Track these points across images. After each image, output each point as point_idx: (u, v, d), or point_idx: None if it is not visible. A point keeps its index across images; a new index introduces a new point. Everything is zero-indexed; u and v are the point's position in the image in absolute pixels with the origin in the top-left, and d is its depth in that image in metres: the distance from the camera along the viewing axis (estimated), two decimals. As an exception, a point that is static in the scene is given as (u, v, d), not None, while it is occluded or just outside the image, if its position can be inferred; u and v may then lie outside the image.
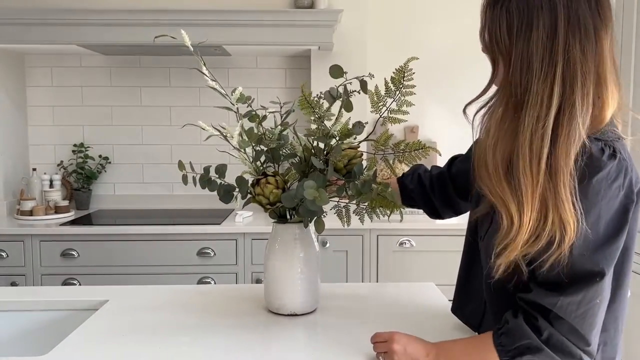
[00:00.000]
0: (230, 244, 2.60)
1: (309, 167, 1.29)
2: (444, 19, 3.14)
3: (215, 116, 2.96)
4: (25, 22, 2.57)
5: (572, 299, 0.91)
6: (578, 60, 0.88)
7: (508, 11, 0.91)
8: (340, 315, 1.37)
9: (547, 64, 0.88)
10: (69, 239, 2.57)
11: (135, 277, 2.57)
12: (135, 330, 1.28)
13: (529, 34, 0.88)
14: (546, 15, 0.88)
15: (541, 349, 0.92)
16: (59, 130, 3.09)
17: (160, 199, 3.12)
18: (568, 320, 0.91)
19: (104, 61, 3.07)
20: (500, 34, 0.92)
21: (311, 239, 1.36)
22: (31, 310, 1.46)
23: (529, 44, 0.88)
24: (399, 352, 1.06)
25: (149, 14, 2.55)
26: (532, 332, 0.93)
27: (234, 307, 1.43)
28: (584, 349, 0.93)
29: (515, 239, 0.90)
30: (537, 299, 0.93)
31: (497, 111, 0.95)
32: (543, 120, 0.88)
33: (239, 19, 2.58)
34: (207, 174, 1.31)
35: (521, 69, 0.89)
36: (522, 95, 0.90)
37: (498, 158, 0.93)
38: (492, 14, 0.94)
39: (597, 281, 0.91)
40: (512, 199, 0.90)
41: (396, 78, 1.31)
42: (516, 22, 0.90)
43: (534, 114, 0.88)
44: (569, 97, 0.88)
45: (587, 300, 0.91)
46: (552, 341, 0.92)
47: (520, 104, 0.90)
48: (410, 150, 1.32)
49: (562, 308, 0.91)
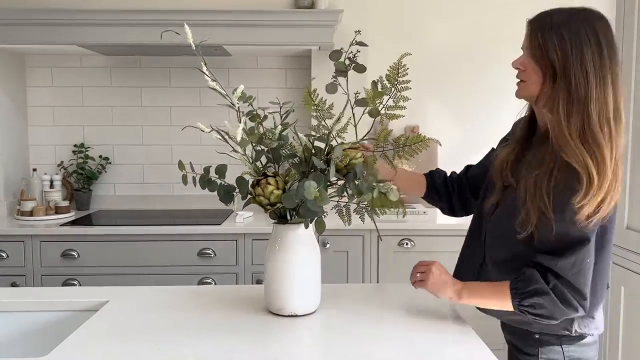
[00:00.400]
0: (230, 245, 2.60)
1: (309, 167, 1.28)
2: (445, 19, 3.13)
3: (215, 116, 2.96)
4: (25, 23, 2.57)
5: (567, 260, 1.17)
6: (618, 72, 1.22)
7: (559, 35, 1.22)
8: (341, 316, 1.37)
9: (600, 75, 1.19)
10: (69, 239, 2.57)
11: (135, 277, 2.57)
12: (135, 331, 1.28)
13: (581, 52, 1.19)
14: (595, 45, 1.20)
15: (547, 293, 1.18)
16: (59, 131, 3.09)
17: (160, 200, 3.11)
18: (566, 277, 1.17)
19: (104, 61, 3.07)
20: (556, 50, 1.21)
21: (312, 240, 1.35)
22: (31, 311, 1.46)
23: (584, 60, 1.19)
24: (435, 273, 1.32)
25: (149, 14, 2.55)
26: (542, 280, 1.18)
27: (235, 308, 1.42)
28: (580, 302, 1.18)
29: (594, 197, 1.14)
30: (543, 261, 1.19)
31: (559, 101, 1.20)
32: (605, 112, 1.19)
33: (240, 19, 2.57)
34: (207, 174, 1.31)
35: (578, 76, 1.19)
36: (584, 92, 1.19)
37: (572, 128, 1.18)
38: (545, 37, 1.23)
39: (585, 245, 1.18)
40: (591, 159, 1.15)
41: (391, 75, 1.33)
42: (569, 44, 1.20)
43: (597, 105, 1.19)
44: (617, 97, 1.22)
45: (580, 261, 1.18)
46: (556, 290, 1.18)
47: (582, 97, 1.19)
48: (410, 144, 1.33)
49: (561, 268, 1.17)
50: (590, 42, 1.20)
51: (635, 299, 2.03)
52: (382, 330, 1.33)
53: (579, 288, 1.18)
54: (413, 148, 1.33)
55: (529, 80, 1.26)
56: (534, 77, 1.24)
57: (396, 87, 1.29)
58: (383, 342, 1.23)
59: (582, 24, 1.21)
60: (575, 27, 1.20)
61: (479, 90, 3.17)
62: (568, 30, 1.20)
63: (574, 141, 1.16)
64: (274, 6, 2.84)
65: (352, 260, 2.63)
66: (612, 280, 2.17)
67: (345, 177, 1.29)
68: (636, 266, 2.02)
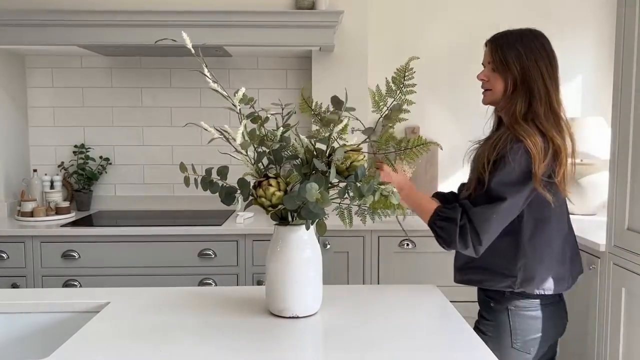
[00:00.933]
0: (231, 245, 2.60)
1: (311, 168, 1.28)
2: (445, 20, 3.14)
3: (216, 117, 2.97)
4: (26, 24, 2.57)
5: (481, 210, 1.46)
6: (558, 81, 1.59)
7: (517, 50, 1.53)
8: (342, 318, 1.37)
9: (549, 82, 1.54)
10: (69, 240, 2.57)
11: (135, 278, 2.57)
12: (137, 332, 1.28)
13: (535, 63, 1.52)
14: (545, 57, 1.54)
15: (456, 225, 1.47)
16: (60, 131, 3.09)
17: (161, 200, 3.11)
18: (474, 222, 1.46)
19: (105, 62, 3.07)
20: (515, 64, 1.52)
21: (313, 241, 1.35)
22: (32, 313, 1.46)
23: (539, 69, 1.52)
24: (386, 169, 1.55)
25: (149, 15, 2.55)
26: (459, 215, 1.48)
27: (236, 309, 1.42)
28: (475, 244, 1.47)
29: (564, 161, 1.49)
30: (465, 205, 1.50)
31: (518, 103, 1.52)
32: (551, 106, 1.54)
33: (240, 20, 2.57)
34: (209, 175, 1.31)
35: (537, 82, 1.52)
36: (538, 94, 1.52)
37: (526, 120, 1.51)
38: (505, 52, 1.53)
39: (500, 203, 1.45)
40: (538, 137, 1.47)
41: (397, 77, 1.32)
42: (525, 58, 1.52)
43: (547, 102, 1.53)
44: (559, 95, 1.59)
45: (490, 214, 1.46)
46: (463, 227, 1.47)
47: (539, 98, 1.52)
48: (412, 147, 1.33)
49: (474, 214, 1.47)
50: (541, 54, 1.52)
51: (636, 300, 2.03)
52: (383, 332, 1.33)
53: (479, 234, 1.46)
54: (414, 151, 1.34)
55: (494, 89, 1.56)
56: (498, 86, 1.55)
57: (402, 90, 1.29)
58: (385, 343, 1.23)
59: (532, 40, 1.53)
60: (527, 43, 1.52)
61: (478, 91, 3.16)
62: (522, 46, 1.52)
63: (524, 125, 1.48)
64: (275, 7, 2.84)
65: (353, 261, 2.63)
66: (612, 282, 2.17)
67: (347, 179, 1.29)
68: (636, 267, 2.02)
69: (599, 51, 3.16)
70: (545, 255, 1.54)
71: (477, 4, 3.13)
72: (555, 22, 3.14)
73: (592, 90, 3.18)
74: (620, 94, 2.12)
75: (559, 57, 1.57)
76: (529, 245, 1.53)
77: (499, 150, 1.46)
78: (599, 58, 3.17)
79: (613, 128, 2.18)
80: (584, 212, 2.90)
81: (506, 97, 1.54)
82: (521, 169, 1.45)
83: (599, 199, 2.87)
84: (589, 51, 3.16)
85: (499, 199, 1.45)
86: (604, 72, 3.15)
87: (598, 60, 3.17)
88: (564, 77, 3.19)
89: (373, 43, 3.01)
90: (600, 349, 2.27)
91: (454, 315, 1.41)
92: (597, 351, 2.30)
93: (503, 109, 1.56)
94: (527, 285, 1.53)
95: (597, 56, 3.17)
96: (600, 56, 3.16)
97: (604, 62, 3.15)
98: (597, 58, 3.17)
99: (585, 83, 3.18)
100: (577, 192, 2.88)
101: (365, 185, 1.23)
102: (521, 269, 1.53)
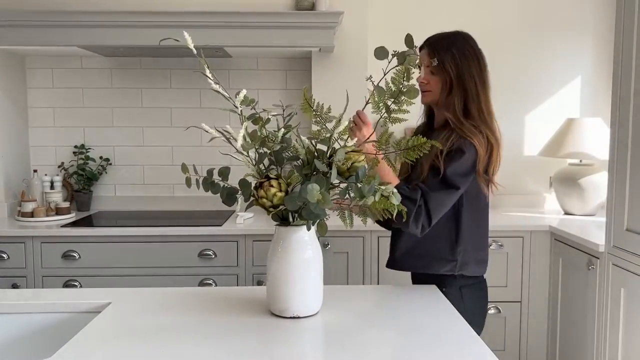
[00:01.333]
0: (231, 246, 2.60)
1: (312, 169, 1.29)
2: (444, 21, 3.13)
3: (216, 118, 2.97)
4: (26, 24, 2.57)
5: (436, 195, 1.58)
6: (487, 81, 1.71)
7: (452, 53, 1.66)
8: (343, 318, 1.37)
9: (482, 80, 1.67)
10: (70, 240, 2.57)
11: (136, 278, 2.57)
12: (138, 333, 1.29)
13: (468, 65, 1.65)
14: (475, 59, 1.67)
15: (413, 205, 1.55)
16: (60, 132, 3.09)
17: (161, 201, 3.12)
18: (429, 206, 1.57)
19: (105, 63, 3.07)
20: (451, 66, 1.65)
21: (314, 242, 1.36)
22: (33, 313, 1.47)
23: (471, 71, 1.65)
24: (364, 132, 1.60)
25: (149, 16, 2.55)
26: (418, 193, 1.57)
27: (237, 309, 1.43)
28: (425, 225, 1.59)
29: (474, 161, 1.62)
30: (424, 188, 1.59)
31: (456, 102, 1.66)
32: (485, 105, 1.68)
33: (240, 21, 2.58)
34: (211, 176, 1.31)
35: (469, 83, 1.65)
36: (471, 93, 1.66)
37: (466, 118, 1.65)
38: (441, 56, 1.66)
39: (453, 192, 1.60)
40: (479, 135, 1.63)
41: (397, 78, 1.33)
42: (459, 60, 1.65)
43: (481, 101, 1.67)
44: (489, 93, 1.71)
45: (442, 201, 1.59)
46: (419, 209, 1.57)
47: (472, 97, 1.66)
48: (412, 147, 1.34)
49: (430, 198, 1.58)
50: (472, 56, 1.65)
51: (635, 300, 2.04)
52: (384, 332, 1.34)
53: (432, 217, 1.58)
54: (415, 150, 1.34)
55: (433, 90, 1.68)
56: (436, 87, 1.67)
57: (402, 90, 1.30)
58: (385, 344, 1.24)
59: (464, 43, 1.66)
60: (460, 46, 1.65)
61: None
62: (456, 48, 1.65)
63: (467, 124, 1.61)
64: (275, 8, 2.84)
65: (353, 261, 2.63)
66: (611, 282, 2.17)
67: (348, 179, 1.29)
68: (635, 267, 2.03)
69: (598, 52, 3.17)
70: (478, 241, 1.74)
71: (476, 6, 3.14)
72: (555, 23, 3.15)
73: (590, 91, 3.19)
74: (619, 95, 2.13)
75: (558, 57, 1.67)
76: (467, 232, 1.68)
77: (454, 143, 1.59)
78: (597, 59, 3.17)
79: (612, 129, 2.18)
80: (583, 213, 2.91)
81: (443, 97, 1.67)
82: (470, 162, 1.60)
83: (598, 199, 2.88)
84: (587, 52, 3.17)
85: (453, 187, 1.59)
86: (603, 73, 3.16)
87: (597, 61, 3.18)
88: (564, 78, 3.22)
89: (373, 44, 3.01)
90: (599, 349, 2.28)
91: (454, 316, 1.41)
92: (596, 351, 2.30)
93: (442, 107, 1.69)
94: (465, 269, 1.69)
95: (595, 57, 3.17)
96: (599, 57, 3.17)
97: (603, 63, 3.16)
98: (596, 59, 3.18)
99: (584, 84, 3.18)
100: (576, 192, 2.89)
101: (366, 186, 1.24)
102: (460, 253, 1.68)
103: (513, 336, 2.71)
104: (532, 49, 3.15)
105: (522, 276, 2.68)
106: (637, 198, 2.04)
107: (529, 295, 2.69)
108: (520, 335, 2.72)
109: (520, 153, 3.18)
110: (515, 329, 2.71)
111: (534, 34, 3.14)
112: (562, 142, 2.91)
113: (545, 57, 3.14)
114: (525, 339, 2.72)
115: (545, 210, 3.13)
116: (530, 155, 3.17)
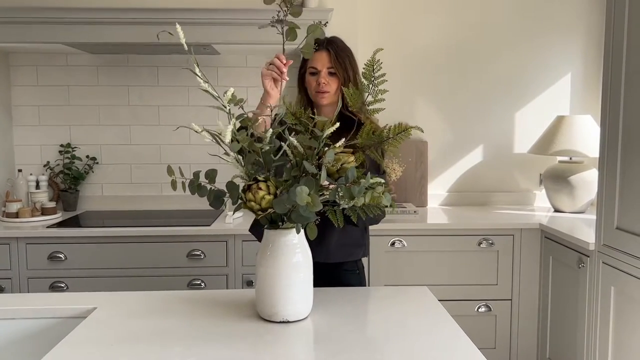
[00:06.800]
0: (220, 246, 2.57)
1: (301, 171, 1.27)
2: (434, 18, 3.13)
3: (204, 115, 2.94)
4: (9, 21, 2.52)
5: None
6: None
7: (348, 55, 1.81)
8: (333, 321, 1.36)
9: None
10: (56, 241, 2.53)
11: (123, 279, 2.54)
12: (124, 339, 1.26)
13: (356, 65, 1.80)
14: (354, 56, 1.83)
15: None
16: (45, 130, 3.04)
17: (148, 200, 3.08)
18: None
19: (91, 60, 3.02)
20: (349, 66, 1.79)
21: (304, 245, 1.34)
22: (16, 319, 1.43)
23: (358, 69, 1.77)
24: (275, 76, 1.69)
25: (136, 13, 2.51)
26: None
27: (226, 314, 1.40)
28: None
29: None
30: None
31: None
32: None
33: (228, 18, 2.55)
34: (197, 179, 1.28)
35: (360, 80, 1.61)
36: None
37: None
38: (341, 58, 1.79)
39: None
40: None
41: (367, 72, 1.34)
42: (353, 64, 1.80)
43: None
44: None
45: None
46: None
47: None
48: (394, 135, 1.33)
49: None
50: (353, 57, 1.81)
51: (625, 298, 2.04)
52: (374, 334, 1.32)
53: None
54: (396, 139, 1.34)
55: (331, 90, 1.78)
56: (334, 87, 1.77)
57: (373, 82, 1.31)
58: (376, 347, 1.22)
59: (346, 45, 1.83)
60: (349, 48, 1.82)
61: (468, 88, 3.17)
62: (349, 51, 1.81)
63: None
64: (263, 5, 2.80)
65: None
66: (602, 280, 2.18)
67: (337, 181, 1.27)
68: (625, 266, 2.03)
69: (588, 49, 3.17)
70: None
71: (467, 4, 3.12)
72: (544, 20, 3.14)
73: (580, 88, 3.19)
74: (609, 93, 2.13)
75: (548, 54, 1.69)
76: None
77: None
78: (587, 56, 3.18)
79: (602, 126, 2.18)
80: (573, 210, 2.92)
81: (337, 96, 1.76)
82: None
83: (588, 197, 2.88)
84: (577, 49, 3.17)
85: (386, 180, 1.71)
86: (593, 70, 3.16)
87: (587, 58, 3.18)
88: (554, 75, 3.22)
89: (362, 41, 2.99)
90: (589, 346, 2.28)
91: (444, 317, 1.40)
92: (586, 349, 2.31)
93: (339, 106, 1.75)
94: (366, 252, 1.90)
95: (585, 54, 3.17)
96: (589, 54, 3.17)
97: (593, 61, 3.16)
98: (586, 56, 3.18)
99: (574, 81, 3.19)
100: (566, 190, 2.90)
101: (356, 187, 1.22)
102: (367, 239, 1.90)
103: (504, 334, 2.71)
104: (522, 46, 3.14)
105: (512, 274, 2.68)
106: (628, 196, 2.04)
107: (519, 293, 2.69)
108: (510, 333, 2.72)
109: (511, 151, 3.17)
110: (505, 327, 2.71)
111: (524, 32, 3.14)
112: (552, 139, 2.91)
113: (535, 55, 3.14)
114: (516, 337, 2.72)
115: (535, 207, 3.13)
116: (520, 152, 3.17)
